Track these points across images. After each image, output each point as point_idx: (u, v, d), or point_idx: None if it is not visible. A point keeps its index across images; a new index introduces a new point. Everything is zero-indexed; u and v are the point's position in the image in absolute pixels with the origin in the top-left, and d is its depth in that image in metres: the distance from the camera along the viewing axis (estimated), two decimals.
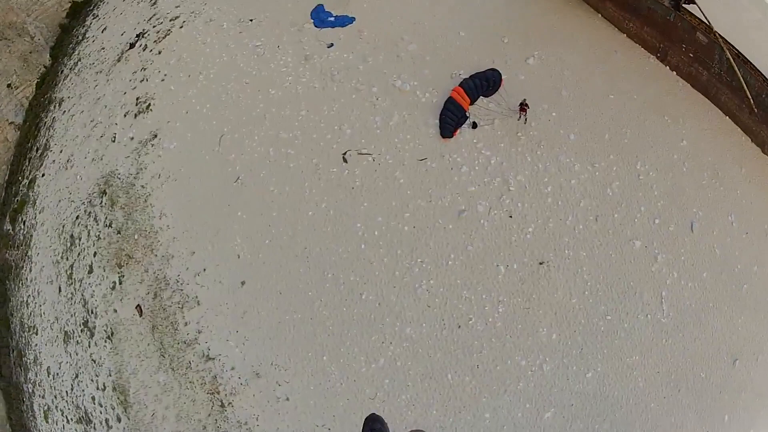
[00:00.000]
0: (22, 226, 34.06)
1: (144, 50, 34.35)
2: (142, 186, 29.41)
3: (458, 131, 25.87)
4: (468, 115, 26.14)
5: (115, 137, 31.74)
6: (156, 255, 27.67)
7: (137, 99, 32.17)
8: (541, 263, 23.35)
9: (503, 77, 26.51)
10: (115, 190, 30.27)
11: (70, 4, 40.72)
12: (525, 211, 24.06)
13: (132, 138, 31.11)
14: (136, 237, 28.43)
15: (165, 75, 32.08)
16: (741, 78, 21.48)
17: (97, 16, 39.57)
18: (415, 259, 24.23)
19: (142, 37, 35.43)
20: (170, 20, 34.79)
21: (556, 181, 24.32)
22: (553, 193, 24.16)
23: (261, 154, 27.48)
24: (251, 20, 32.02)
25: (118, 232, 29.14)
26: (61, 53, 39.65)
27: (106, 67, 35.45)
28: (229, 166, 27.43)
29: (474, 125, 25.91)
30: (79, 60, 37.70)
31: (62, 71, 38.54)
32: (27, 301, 31.94)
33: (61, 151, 34.05)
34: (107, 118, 32.88)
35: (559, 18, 27.94)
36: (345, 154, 26.45)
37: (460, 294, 23.54)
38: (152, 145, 30.05)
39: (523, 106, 24.84)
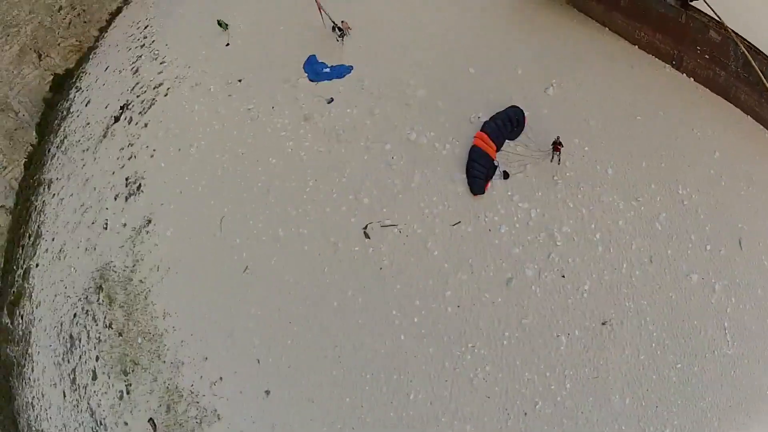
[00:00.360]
0: (21, 321, 28.45)
1: (129, 123, 29.32)
2: (141, 281, 24.07)
3: (489, 184, 20.71)
4: (497, 164, 20.97)
5: (107, 224, 26.41)
6: (164, 362, 22.23)
7: (126, 179, 26.86)
8: (603, 323, 18.44)
9: (525, 114, 21.67)
10: (111, 285, 24.88)
11: (52, 77, 35.55)
12: (577, 266, 19.16)
13: (125, 224, 25.81)
14: (139, 341, 23.01)
15: (154, 150, 26.69)
16: (757, 69, 18.82)
17: (80, 88, 34.40)
18: (465, 344, 18.77)
19: (127, 108, 30.59)
20: (154, 88, 29.56)
21: (603, 225, 19.65)
22: (603, 239, 19.47)
23: (269, 237, 21.85)
24: (240, 80, 26.32)
25: (120, 335, 23.71)
26: (47, 130, 34.46)
27: (93, 144, 30.19)
28: (234, 254, 21.72)
29: (505, 175, 20.82)
30: (65, 137, 32.39)
31: (49, 150, 33.26)
32: (32, 402, 26.37)
33: (53, 239, 28.55)
34: (97, 202, 27.57)
35: (568, 39, 23.57)
36: (366, 228, 20.72)
37: (522, 376, 18.31)
38: (147, 232, 24.58)
39: (557, 145, 20.10)
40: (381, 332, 19.22)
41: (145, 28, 33.38)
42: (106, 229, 25.89)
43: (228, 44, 28.55)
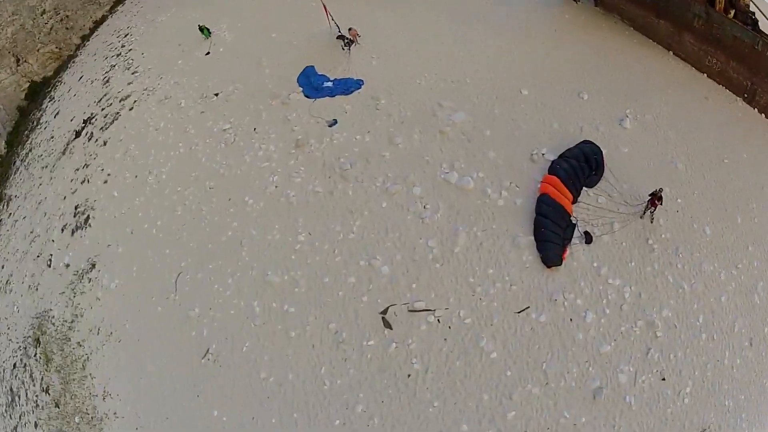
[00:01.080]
0: None
1: (89, 140, 20.10)
2: (79, 343, 14.85)
3: (567, 250, 11.95)
4: (575, 221, 12.31)
5: (50, 261, 17.13)
6: None
7: (76, 208, 17.85)
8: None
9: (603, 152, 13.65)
10: (48, 340, 15.63)
11: (28, 84, 26.07)
12: (679, 363, 11.61)
13: (68, 265, 16.52)
14: (77, 420, 13.98)
15: (108, 174, 18.06)
16: None
17: (54, 98, 24.82)
18: None
19: (89, 123, 20.96)
20: (120, 100, 21.03)
21: (706, 305, 12.17)
22: (706, 323, 11.94)
23: (240, 312, 12.56)
24: (216, 94, 17.14)
25: (57, 405, 14.78)
26: (16, 140, 25.01)
27: (52, 160, 20.83)
28: (192, 328, 12.53)
29: (588, 238, 12.23)
30: (31, 150, 23.00)
31: (14, 162, 23.89)
32: None
33: (2, 267, 19.14)
34: (45, 231, 18.28)
35: (631, 62, 15.85)
36: (386, 312, 11.11)
37: None
38: (89, 279, 16.02)
39: (656, 200, 12.29)
40: None
41: (125, 36, 23.70)
42: (49, 266, 16.78)
43: (208, 53, 18.89)
